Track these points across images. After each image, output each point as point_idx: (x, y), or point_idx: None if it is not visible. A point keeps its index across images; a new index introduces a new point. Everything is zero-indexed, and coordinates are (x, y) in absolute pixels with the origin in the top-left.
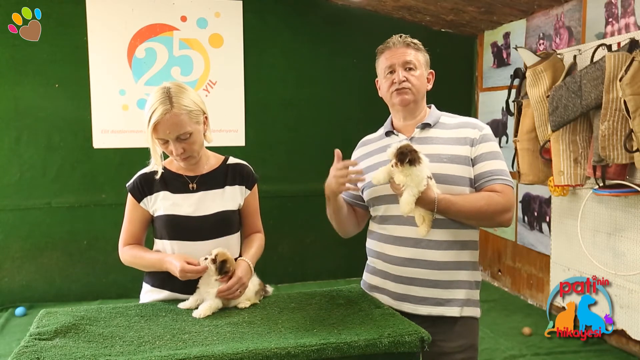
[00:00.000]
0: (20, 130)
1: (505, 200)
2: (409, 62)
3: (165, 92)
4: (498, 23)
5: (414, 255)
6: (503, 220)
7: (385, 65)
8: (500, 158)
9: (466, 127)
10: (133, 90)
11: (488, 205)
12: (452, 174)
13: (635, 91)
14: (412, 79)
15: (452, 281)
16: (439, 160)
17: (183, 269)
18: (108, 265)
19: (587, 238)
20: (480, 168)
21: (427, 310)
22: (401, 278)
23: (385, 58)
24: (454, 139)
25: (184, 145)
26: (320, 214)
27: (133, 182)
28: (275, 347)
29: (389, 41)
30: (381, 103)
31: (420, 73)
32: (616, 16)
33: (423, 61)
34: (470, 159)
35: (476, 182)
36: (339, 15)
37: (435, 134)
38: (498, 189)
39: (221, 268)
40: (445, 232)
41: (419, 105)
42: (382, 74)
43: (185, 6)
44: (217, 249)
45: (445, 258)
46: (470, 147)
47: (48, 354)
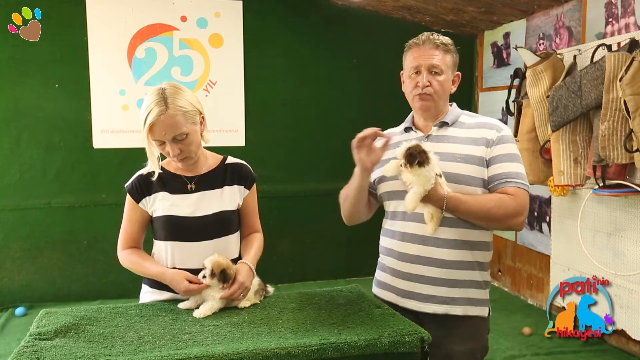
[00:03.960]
0: (20, 130)
1: (517, 203)
2: (435, 67)
3: (161, 93)
4: (498, 23)
5: (421, 252)
6: (513, 224)
7: (412, 65)
8: (517, 161)
9: (484, 128)
10: (133, 90)
11: (498, 208)
12: (465, 174)
13: (635, 91)
14: (435, 84)
15: (459, 280)
16: (453, 160)
17: (187, 290)
18: (108, 265)
19: (587, 238)
20: (495, 170)
21: (432, 308)
22: (408, 275)
23: (413, 57)
24: (470, 139)
25: (180, 146)
26: (320, 214)
27: (131, 183)
28: (275, 347)
29: (419, 38)
30: (381, 103)
31: (445, 78)
32: (616, 16)
33: (450, 64)
34: (485, 160)
35: (489, 183)
36: (339, 15)
37: (452, 133)
38: (511, 191)
39: (224, 278)
40: (454, 231)
41: (440, 109)
42: (408, 72)
43: (185, 6)
44: (208, 260)
45: (452, 257)
46: (486, 148)
47: (48, 354)
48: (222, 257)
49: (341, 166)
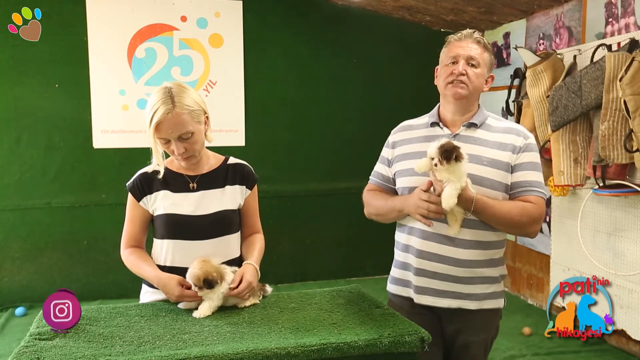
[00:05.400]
0: (20, 130)
1: (538, 213)
2: (473, 58)
3: (167, 92)
4: (498, 23)
5: (440, 251)
6: (531, 232)
7: (450, 55)
8: (539, 170)
9: (511, 133)
10: (133, 90)
11: (521, 216)
12: (490, 178)
13: (635, 91)
14: (471, 74)
15: (474, 277)
16: (479, 162)
17: (180, 296)
18: (108, 265)
19: (587, 238)
20: (519, 177)
21: (446, 302)
22: (424, 271)
23: (452, 48)
24: (497, 143)
25: (185, 145)
26: (320, 214)
27: (133, 182)
28: (275, 347)
29: (461, 32)
30: (381, 103)
31: (481, 72)
32: (616, 16)
33: (488, 61)
34: (510, 166)
35: (512, 189)
36: (339, 15)
37: (480, 135)
38: (532, 200)
39: (209, 285)
40: (473, 233)
41: (471, 103)
42: (444, 62)
43: (185, 6)
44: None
45: (470, 257)
46: (513, 154)
47: (48, 354)
48: (200, 264)
49: (341, 166)
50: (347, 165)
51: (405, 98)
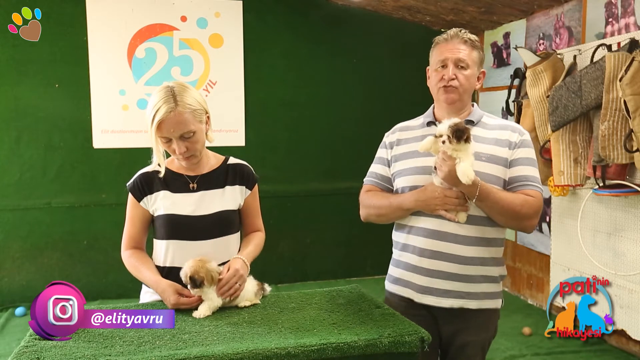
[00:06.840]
0: (20, 130)
1: (538, 206)
2: (462, 60)
3: (169, 91)
4: (498, 23)
5: (440, 248)
6: (529, 225)
7: (439, 59)
8: (535, 165)
9: (507, 130)
10: (133, 90)
11: (522, 207)
12: (489, 173)
13: (635, 91)
14: (461, 77)
15: (475, 275)
16: (478, 159)
17: (176, 304)
18: (108, 265)
19: (587, 238)
20: (516, 172)
21: (449, 303)
22: (426, 270)
23: (440, 51)
24: (494, 140)
25: (187, 144)
26: (320, 214)
27: (133, 182)
28: (275, 347)
29: (447, 33)
30: (381, 103)
31: (470, 72)
32: (616, 16)
33: (477, 60)
34: (508, 161)
35: (509, 184)
36: (339, 15)
37: (477, 132)
38: (531, 194)
39: (193, 283)
40: (474, 229)
41: (465, 103)
42: (434, 65)
43: (185, 6)
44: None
45: (470, 253)
46: (509, 150)
47: (48, 354)
48: (192, 262)
49: (341, 166)
50: (347, 165)
51: (405, 98)
